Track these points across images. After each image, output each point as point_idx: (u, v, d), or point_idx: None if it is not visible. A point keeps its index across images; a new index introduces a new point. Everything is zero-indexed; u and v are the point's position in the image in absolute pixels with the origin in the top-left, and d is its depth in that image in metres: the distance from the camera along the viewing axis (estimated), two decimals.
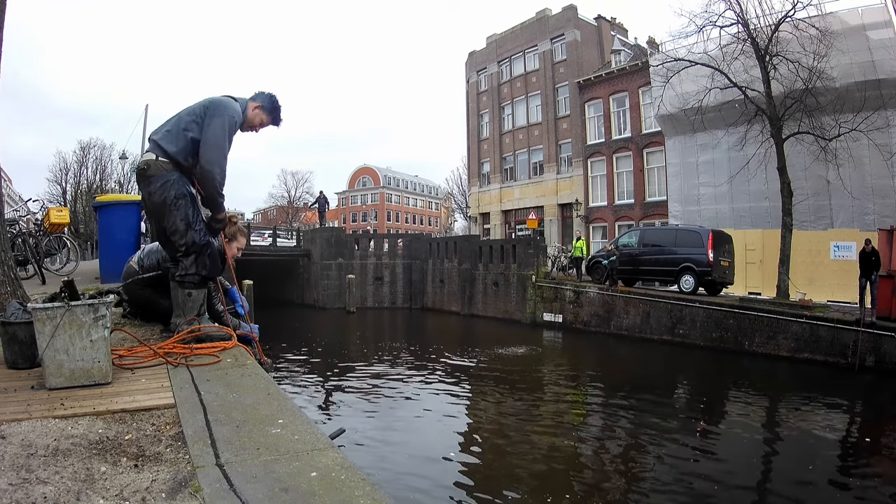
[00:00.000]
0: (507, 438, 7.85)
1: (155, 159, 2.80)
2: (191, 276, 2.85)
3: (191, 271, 2.85)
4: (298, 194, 56.45)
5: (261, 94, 3.12)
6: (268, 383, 2.25)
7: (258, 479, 1.36)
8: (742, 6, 14.77)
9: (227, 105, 2.88)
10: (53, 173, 39.45)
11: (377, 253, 26.50)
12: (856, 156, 15.16)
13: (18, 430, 1.68)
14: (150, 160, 2.82)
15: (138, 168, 2.88)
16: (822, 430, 8.38)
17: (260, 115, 3.07)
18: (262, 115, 3.08)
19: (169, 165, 2.81)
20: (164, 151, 2.80)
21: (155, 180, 2.79)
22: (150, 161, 2.81)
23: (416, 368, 12.77)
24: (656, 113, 20.00)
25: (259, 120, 3.08)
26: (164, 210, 2.82)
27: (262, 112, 3.07)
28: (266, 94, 3.13)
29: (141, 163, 2.87)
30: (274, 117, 3.14)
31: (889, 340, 11.07)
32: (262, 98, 3.09)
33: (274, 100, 3.12)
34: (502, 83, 30.33)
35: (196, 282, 2.88)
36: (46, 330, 2.06)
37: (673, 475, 6.44)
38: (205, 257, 2.89)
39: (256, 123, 3.09)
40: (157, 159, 2.80)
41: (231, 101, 2.94)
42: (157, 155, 2.80)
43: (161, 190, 2.79)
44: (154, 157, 2.81)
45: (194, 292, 2.88)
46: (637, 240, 16.79)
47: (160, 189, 2.79)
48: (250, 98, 3.08)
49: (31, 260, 6.69)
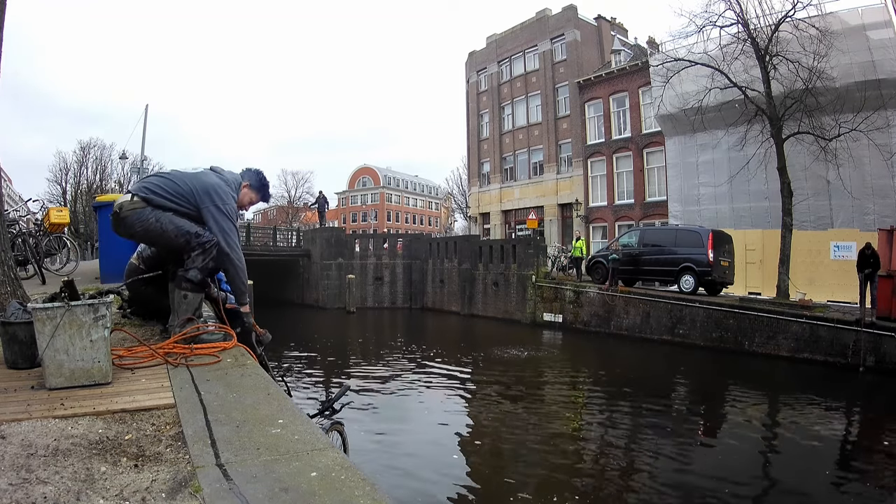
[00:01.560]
0: (507, 438, 7.85)
1: (130, 199, 2.81)
2: (193, 273, 2.83)
3: (197, 265, 2.83)
4: (298, 194, 56.50)
5: (248, 171, 3.21)
6: (268, 383, 2.25)
7: (258, 479, 1.36)
8: (742, 6, 14.78)
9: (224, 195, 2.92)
10: (53, 173, 39.48)
11: (377, 253, 26.50)
12: (856, 156, 15.16)
13: (18, 430, 1.68)
14: (124, 202, 2.83)
15: (113, 213, 2.88)
16: (821, 430, 8.38)
17: (249, 194, 3.17)
18: (251, 194, 3.19)
19: (142, 204, 2.81)
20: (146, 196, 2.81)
21: (129, 218, 2.80)
22: (125, 203, 2.82)
23: (416, 368, 12.77)
24: (656, 113, 20.00)
25: (248, 199, 3.20)
26: (153, 235, 2.83)
27: (250, 191, 3.17)
28: (253, 171, 3.23)
29: (115, 206, 2.86)
30: (263, 195, 3.26)
31: (889, 340, 11.07)
32: (250, 177, 3.18)
33: (261, 177, 3.23)
34: (502, 83, 30.33)
35: (197, 280, 2.87)
36: (46, 330, 2.06)
37: (673, 475, 6.44)
38: (212, 252, 2.87)
39: (246, 203, 3.20)
40: (133, 199, 2.81)
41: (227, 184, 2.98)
42: (134, 195, 2.82)
43: (139, 222, 2.79)
44: (129, 198, 2.82)
45: (190, 295, 2.87)
46: (637, 240, 16.79)
47: (137, 222, 2.79)
48: (240, 174, 3.17)
49: (31, 260, 6.69)
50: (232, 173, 3.13)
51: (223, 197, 2.90)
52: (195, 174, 2.95)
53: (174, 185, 2.87)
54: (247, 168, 3.25)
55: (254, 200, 3.24)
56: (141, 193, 2.82)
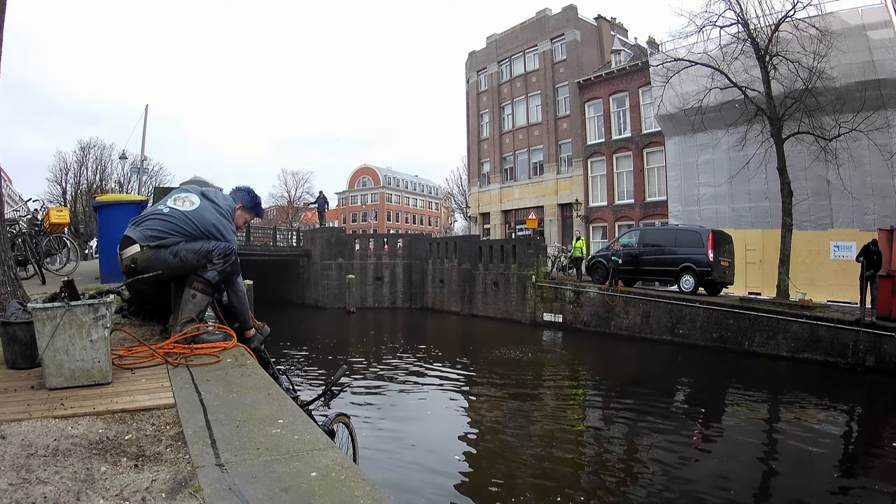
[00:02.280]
0: (508, 438, 7.85)
1: (141, 251, 2.82)
2: (212, 274, 2.85)
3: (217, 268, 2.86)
4: (298, 194, 56.45)
5: (238, 192, 3.26)
6: (268, 383, 2.25)
7: (258, 479, 1.36)
8: (742, 6, 14.78)
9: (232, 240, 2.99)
10: (53, 173, 39.44)
11: (377, 253, 26.51)
12: (856, 156, 15.17)
13: (18, 430, 1.68)
14: (136, 254, 2.82)
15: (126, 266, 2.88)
16: (821, 430, 8.37)
17: (243, 216, 3.24)
18: (245, 215, 3.26)
19: (155, 251, 2.83)
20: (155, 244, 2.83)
21: (149, 265, 2.81)
22: (137, 255, 2.82)
23: (416, 368, 12.77)
24: (656, 113, 20.02)
25: (243, 220, 3.26)
26: (175, 271, 2.85)
27: (244, 213, 3.24)
28: (244, 191, 3.28)
29: (127, 260, 2.85)
30: (256, 213, 3.33)
31: (889, 340, 11.07)
32: (241, 198, 3.23)
33: (252, 195, 3.29)
34: (502, 83, 30.33)
35: (214, 281, 2.88)
36: (46, 330, 2.06)
37: (673, 475, 6.44)
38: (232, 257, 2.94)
39: (241, 224, 3.25)
40: (143, 250, 2.82)
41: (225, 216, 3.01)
42: (143, 245, 2.83)
43: (159, 263, 2.80)
44: (139, 249, 2.82)
45: (199, 295, 2.88)
46: (637, 240, 16.79)
47: (157, 264, 2.80)
48: (231, 195, 3.22)
49: (31, 260, 6.68)
50: (225, 198, 3.14)
51: (225, 234, 2.96)
52: (195, 212, 2.93)
53: (177, 227, 2.87)
54: (236, 188, 3.29)
55: (248, 220, 3.32)
56: (151, 243, 2.82)
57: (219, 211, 3.01)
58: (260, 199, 3.34)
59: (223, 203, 3.07)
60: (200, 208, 2.96)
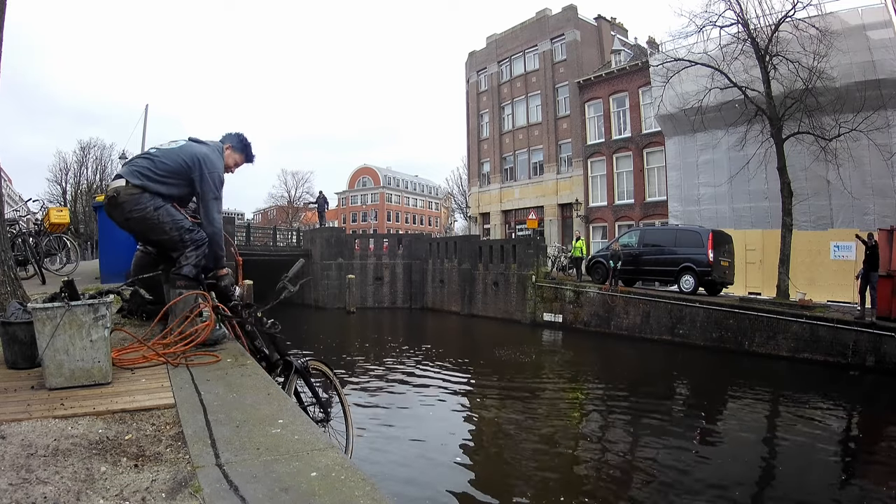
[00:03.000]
0: (508, 438, 7.85)
1: (125, 185, 2.83)
2: (187, 269, 2.87)
3: (191, 262, 2.88)
4: (298, 194, 56.44)
5: (229, 135, 3.28)
6: (268, 383, 2.25)
7: (258, 479, 1.36)
8: (742, 6, 14.78)
9: (216, 165, 3.00)
10: (53, 173, 39.47)
11: (377, 253, 26.51)
12: (856, 156, 15.16)
13: (18, 430, 1.68)
14: (119, 187, 2.85)
15: (108, 197, 2.90)
16: (821, 430, 8.37)
17: (233, 156, 3.24)
18: (235, 156, 3.25)
19: (139, 191, 2.84)
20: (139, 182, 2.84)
21: (127, 204, 2.82)
22: (120, 188, 2.84)
23: (416, 368, 12.76)
24: (656, 113, 20.01)
25: (233, 161, 3.25)
26: (149, 224, 2.85)
27: (233, 153, 3.24)
28: (234, 134, 3.29)
29: (110, 191, 2.89)
30: (247, 155, 3.32)
31: (889, 340, 11.06)
32: (231, 140, 3.25)
33: (242, 138, 3.28)
34: (502, 83, 30.33)
35: (192, 276, 2.89)
36: (46, 330, 2.06)
37: (673, 475, 6.43)
38: (204, 249, 2.95)
39: (231, 164, 3.25)
40: (128, 185, 2.83)
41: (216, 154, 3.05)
42: (129, 181, 2.84)
43: (137, 209, 2.82)
44: (124, 184, 2.84)
45: (185, 292, 2.89)
46: (637, 240, 16.79)
47: (136, 209, 2.81)
48: (221, 141, 3.22)
49: (31, 260, 6.68)
50: (213, 141, 3.18)
51: (210, 167, 2.96)
52: (181, 148, 2.99)
53: (165, 165, 2.90)
54: (227, 133, 3.30)
55: (238, 162, 3.29)
56: (135, 180, 2.84)
57: (206, 146, 3.05)
58: (250, 143, 3.32)
59: (212, 144, 3.13)
60: (185, 145, 3.03)
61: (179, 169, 2.90)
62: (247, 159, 3.34)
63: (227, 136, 3.27)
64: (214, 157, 3.02)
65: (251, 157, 3.35)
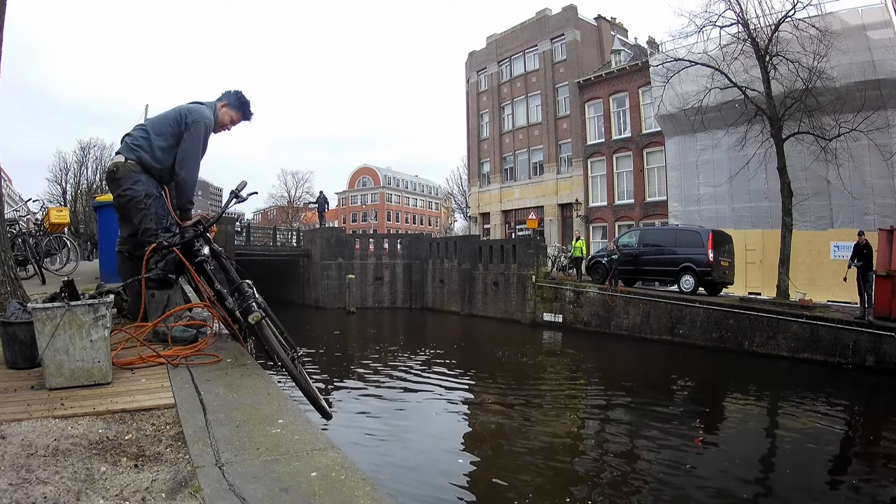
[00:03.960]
0: (508, 439, 7.85)
1: (124, 161, 2.90)
2: (154, 272, 2.87)
3: (160, 266, 2.87)
4: (298, 194, 56.46)
5: (227, 93, 3.23)
6: (268, 383, 2.25)
7: (258, 479, 1.36)
8: (742, 6, 14.78)
9: (201, 113, 2.99)
10: (53, 173, 39.49)
11: (377, 253, 26.51)
12: (856, 156, 15.16)
13: (18, 430, 1.68)
14: (119, 163, 2.91)
15: (108, 171, 2.98)
16: (822, 430, 8.37)
17: (228, 113, 3.19)
18: (231, 112, 3.20)
19: (138, 168, 2.90)
20: (135, 156, 2.90)
21: (124, 181, 2.89)
22: (119, 164, 2.91)
23: (416, 368, 12.77)
24: (656, 113, 20.00)
25: (229, 118, 3.20)
26: (134, 208, 2.90)
27: (230, 110, 3.19)
28: (232, 91, 3.24)
29: (111, 166, 2.97)
30: (244, 112, 3.25)
31: (889, 340, 11.06)
32: (228, 97, 3.20)
33: (240, 95, 3.23)
34: (502, 83, 30.33)
35: (158, 278, 2.89)
36: (46, 330, 2.06)
37: (673, 475, 6.44)
38: (174, 257, 2.90)
39: (227, 122, 3.21)
40: (126, 161, 2.90)
41: (202, 106, 3.05)
42: (127, 157, 2.90)
43: (130, 189, 2.88)
44: (123, 160, 2.90)
45: (157, 293, 2.90)
46: (637, 240, 16.78)
47: (129, 188, 2.88)
48: (217, 99, 3.18)
49: (31, 260, 6.68)
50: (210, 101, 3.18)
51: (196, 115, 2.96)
52: (171, 109, 3.02)
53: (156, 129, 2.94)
54: (225, 91, 3.27)
55: (234, 119, 3.24)
56: (131, 156, 2.90)
57: (197, 103, 3.05)
58: (248, 101, 3.26)
59: (207, 102, 3.12)
60: (177, 106, 3.04)
61: (169, 129, 2.93)
62: (244, 117, 3.27)
63: (224, 93, 3.24)
64: (202, 109, 3.02)
65: (249, 114, 3.28)
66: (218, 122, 3.13)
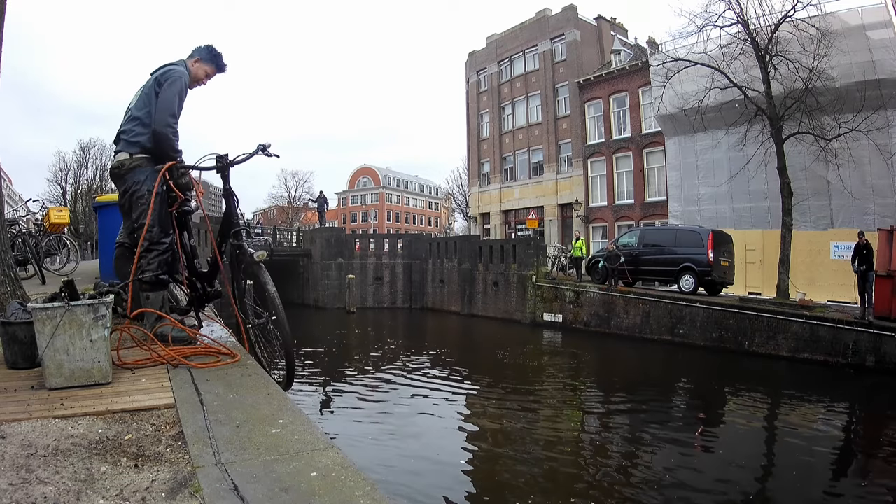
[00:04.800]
0: (507, 439, 7.85)
1: (129, 157, 2.90)
2: (147, 275, 2.86)
3: (151, 268, 2.86)
4: (298, 194, 56.47)
5: (198, 48, 3.23)
6: (268, 383, 2.25)
7: (258, 479, 1.36)
8: (742, 6, 14.77)
9: (175, 69, 2.99)
10: (53, 173, 39.55)
11: (377, 253, 26.50)
12: (856, 156, 15.16)
13: (18, 430, 1.68)
14: (123, 160, 2.91)
15: (112, 170, 2.97)
16: (821, 430, 8.38)
17: (202, 67, 3.18)
18: (205, 66, 3.19)
19: (142, 160, 2.90)
20: (137, 146, 2.90)
21: (130, 176, 2.90)
22: (124, 160, 2.91)
23: (416, 369, 12.77)
24: (656, 113, 20.00)
25: (203, 72, 3.19)
26: (136, 203, 2.89)
27: (203, 64, 3.18)
28: (202, 46, 3.24)
29: (114, 164, 2.96)
30: (217, 64, 3.24)
31: (889, 340, 11.06)
32: (199, 52, 3.19)
33: (211, 49, 3.22)
34: (502, 83, 30.32)
35: (153, 281, 2.89)
36: (46, 330, 2.06)
37: (673, 475, 6.44)
38: (166, 257, 2.92)
39: (202, 76, 3.20)
40: (132, 157, 2.90)
41: (174, 65, 3.05)
42: (131, 153, 2.90)
43: (136, 184, 2.88)
44: (128, 156, 2.90)
45: (152, 295, 2.89)
46: (637, 240, 16.78)
47: (135, 184, 2.88)
48: (188, 56, 3.18)
49: (31, 260, 6.68)
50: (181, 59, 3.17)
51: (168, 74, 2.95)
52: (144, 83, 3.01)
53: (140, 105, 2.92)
54: (196, 46, 3.25)
55: (209, 72, 3.23)
56: (135, 151, 2.90)
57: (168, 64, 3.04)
58: (220, 53, 3.24)
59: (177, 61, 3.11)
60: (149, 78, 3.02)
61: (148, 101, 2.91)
62: (218, 69, 3.25)
63: (195, 49, 3.22)
64: (175, 67, 3.02)
65: (222, 66, 3.27)
66: (192, 77, 3.12)
